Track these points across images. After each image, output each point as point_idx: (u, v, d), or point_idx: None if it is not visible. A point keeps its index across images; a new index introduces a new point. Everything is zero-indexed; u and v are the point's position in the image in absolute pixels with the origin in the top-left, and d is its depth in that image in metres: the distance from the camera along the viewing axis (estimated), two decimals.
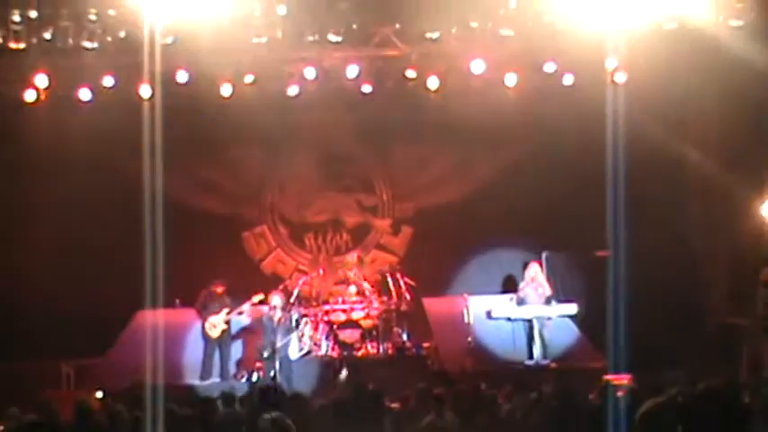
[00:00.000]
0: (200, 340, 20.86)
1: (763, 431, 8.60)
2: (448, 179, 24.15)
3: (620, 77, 22.11)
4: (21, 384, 19.63)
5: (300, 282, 22.90)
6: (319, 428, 11.82)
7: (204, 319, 20.63)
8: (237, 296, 20.95)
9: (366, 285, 22.45)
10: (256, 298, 20.69)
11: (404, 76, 22.26)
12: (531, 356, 20.75)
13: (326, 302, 22.17)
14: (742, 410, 8.83)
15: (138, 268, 21.43)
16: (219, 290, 20.84)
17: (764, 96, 20.22)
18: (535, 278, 21.15)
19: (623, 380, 14.62)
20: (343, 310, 21.78)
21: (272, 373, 19.69)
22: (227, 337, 20.58)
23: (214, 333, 20.52)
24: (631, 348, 18.65)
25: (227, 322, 20.60)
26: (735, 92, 21.00)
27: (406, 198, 24.37)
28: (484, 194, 23.70)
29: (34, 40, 18.86)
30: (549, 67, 22.00)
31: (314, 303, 22.31)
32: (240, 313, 20.83)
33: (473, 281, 22.27)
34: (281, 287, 22.17)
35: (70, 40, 18.92)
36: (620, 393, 11.30)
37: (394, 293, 22.50)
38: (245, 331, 20.76)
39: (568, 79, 22.20)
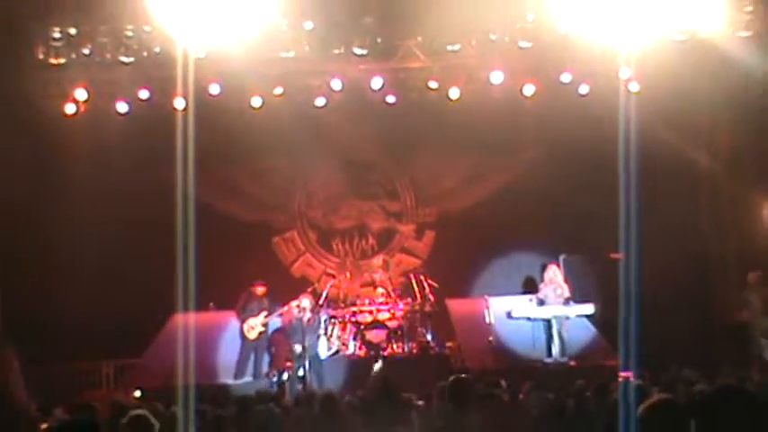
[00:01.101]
0: (232, 341, 20.85)
1: None
2: (469, 185, 24.17)
3: (634, 87, 22.15)
4: (63, 384, 19.76)
5: (328, 284, 22.98)
6: (348, 424, 11.87)
7: (243, 321, 20.58)
8: (270, 298, 20.97)
9: (391, 287, 22.49)
10: (294, 303, 20.67)
11: (426, 86, 22.32)
12: (549, 354, 20.72)
13: (354, 304, 22.17)
14: (754, 408, 8.84)
15: (173, 273, 21.61)
16: (260, 291, 20.81)
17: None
18: (553, 279, 21.14)
19: (634, 377, 14.64)
20: (370, 312, 21.79)
21: (300, 373, 19.73)
22: (263, 338, 20.59)
23: (252, 335, 20.52)
24: (645, 347, 18.70)
25: (265, 324, 20.59)
26: (743, 99, 21.01)
27: (428, 204, 24.41)
28: (503, 199, 23.71)
29: (73, 56, 18.98)
30: (566, 78, 22.04)
31: (341, 305, 22.30)
32: (277, 316, 20.83)
33: (494, 282, 22.27)
34: (309, 290, 22.15)
35: (108, 56, 19.03)
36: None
37: (418, 295, 22.51)
38: (277, 332, 20.77)
39: (584, 89, 22.25)
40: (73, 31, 18.63)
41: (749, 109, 20.81)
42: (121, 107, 21.67)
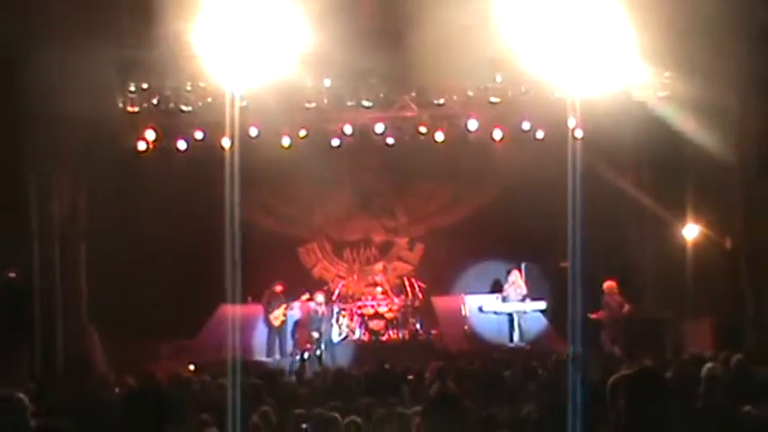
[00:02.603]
0: (264, 328, 20.90)
1: (682, 398, 8.69)
2: (450, 208, 24.20)
3: (579, 133, 22.17)
4: (133, 358, 19.78)
5: (340, 284, 23.04)
6: (354, 393, 11.92)
7: (269, 313, 20.67)
8: (294, 295, 21.03)
9: (388, 287, 22.53)
10: (304, 297, 20.74)
11: (418, 131, 22.39)
12: (511, 340, 20.79)
13: (359, 299, 22.25)
14: (667, 383, 8.95)
15: (221, 273, 21.63)
16: (279, 289, 20.88)
17: (681, 147, 20.29)
18: (515, 282, 21.20)
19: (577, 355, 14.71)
20: (372, 306, 21.86)
21: (318, 353, 19.76)
22: (284, 326, 20.60)
23: (276, 323, 20.58)
24: (585, 334, 18.75)
25: (285, 315, 20.61)
26: (662, 143, 21.06)
27: (419, 222, 24.41)
28: (478, 219, 23.72)
29: (145, 105, 19.05)
30: (526, 125, 22.12)
31: (350, 300, 22.37)
32: (292, 309, 20.80)
33: (469, 284, 22.28)
34: (324, 288, 22.22)
35: (171, 105, 19.12)
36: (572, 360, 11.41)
37: (410, 293, 22.61)
38: (299, 321, 20.79)
39: (540, 134, 22.30)
40: (145, 85, 18.72)
41: (666, 150, 20.88)
42: (181, 145, 21.73)
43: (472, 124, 21.78)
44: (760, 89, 17.36)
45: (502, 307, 20.97)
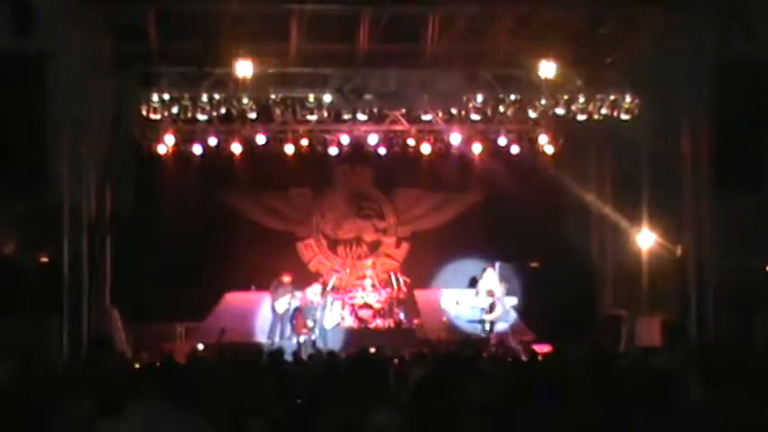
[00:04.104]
0: (267, 313, 20.88)
1: (631, 380, 8.74)
2: (434, 213, 24.18)
3: (549, 149, 22.51)
4: (150, 337, 19.89)
5: (334, 277, 23.04)
6: (345, 375, 11.97)
7: (275, 300, 20.60)
8: (294, 285, 20.99)
9: (377, 281, 22.63)
10: (309, 290, 20.70)
11: (406, 143, 22.56)
12: (484, 331, 20.81)
13: (351, 291, 22.32)
14: (619, 369, 9.12)
15: (228, 264, 21.81)
16: (286, 279, 20.80)
17: (641, 166, 20.48)
18: (489, 279, 21.17)
19: (544, 348, 14.86)
20: (362, 297, 21.94)
21: (313, 337, 19.82)
22: (287, 313, 20.54)
23: (280, 310, 20.44)
24: (549, 328, 18.99)
25: (289, 303, 20.56)
26: (624, 162, 21.24)
27: (406, 224, 24.37)
28: (458, 223, 23.78)
29: (166, 113, 19.07)
30: (502, 141, 22.28)
31: (342, 291, 22.43)
32: (295, 297, 20.79)
33: (448, 280, 22.30)
34: (320, 280, 22.21)
35: (189, 114, 19.12)
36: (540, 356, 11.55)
37: (395, 287, 22.67)
38: (297, 310, 20.78)
39: (515, 149, 22.49)
40: (166, 96, 18.75)
41: (627, 168, 21.06)
42: (197, 150, 21.79)
43: (455, 138, 21.90)
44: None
45: (476, 301, 20.96)
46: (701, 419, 6.13)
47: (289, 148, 21.98)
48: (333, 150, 22.43)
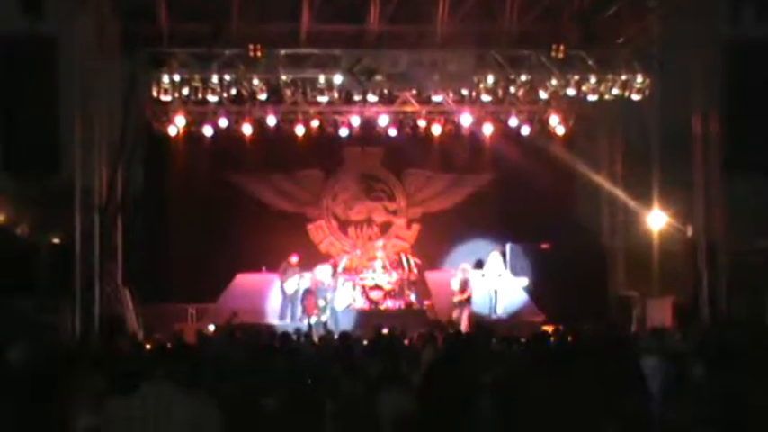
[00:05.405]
0: (278, 294, 20.93)
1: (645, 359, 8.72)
2: (444, 194, 24.08)
3: (560, 130, 22.47)
4: (162, 318, 19.95)
5: (345, 258, 23.00)
6: (358, 355, 12.00)
7: (284, 281, 20.65)
8: (304, 266, 21.03)
9: (387, 262, 22.61)
10: (293, 259, 20.78)
11: (417, 125, 22.54)
12: (495, 312, 20.82)
13: (361, 272, 22.29)
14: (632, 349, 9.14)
15: (239, 246, 21.85)
16: (294, 261, 20.83)
17: (652, 147, 20.44)
18: (497, 260, 21.12)
19: (551, 327, 14.82)
20: (372, 278, 21.91)
21: (323, 318, 19.85)
22: (296, 294, 20.57)
23: (290, 291, 20.51)
24: (560, 309, 18.97)
25: (298, 284, 20.59)
26: (635, 142, 21.22)
27: (416, 205, 24.28)
28: (468, 204, 23.70)
29: (176, 95, 19.12)
30: (513, 122, 22.26)
31: (353, 273, 22.40)
32: (302, 277, 20.78)
33: (458, 261, 22.21)
34: (331, 262, 22.19)
35: (200, 96, 19.16)
36: (551, 338, 11.53)
37: (406, 268, 22.64)
38: (308, 290, 20.80)
39: (526, 130, 22.46)
40: (177, 77, 18.79)
41: (639, 144, 21.06)
42: (207, 131, 21.84)
43: (465, 119, 21.90)
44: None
45: (486, 282, 20.94)
46: (704, 397, 6.14)
47: (299, 130, 22.00)
48: (343, 131, 22.46)
